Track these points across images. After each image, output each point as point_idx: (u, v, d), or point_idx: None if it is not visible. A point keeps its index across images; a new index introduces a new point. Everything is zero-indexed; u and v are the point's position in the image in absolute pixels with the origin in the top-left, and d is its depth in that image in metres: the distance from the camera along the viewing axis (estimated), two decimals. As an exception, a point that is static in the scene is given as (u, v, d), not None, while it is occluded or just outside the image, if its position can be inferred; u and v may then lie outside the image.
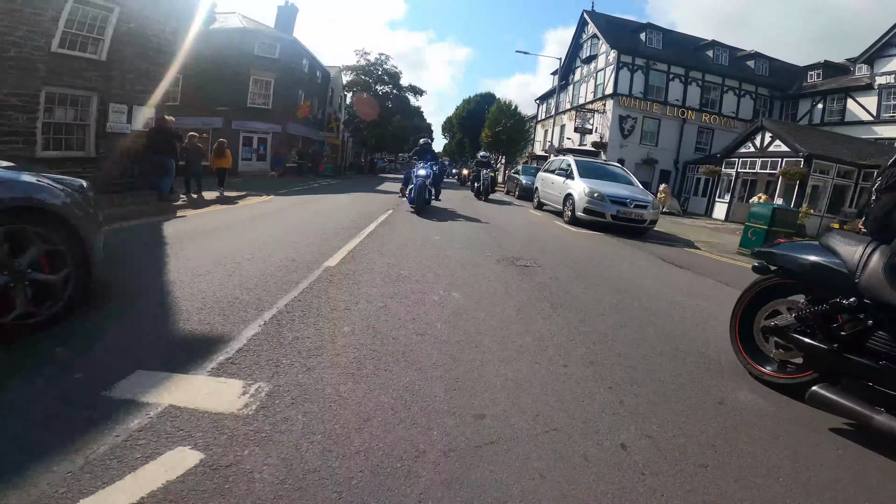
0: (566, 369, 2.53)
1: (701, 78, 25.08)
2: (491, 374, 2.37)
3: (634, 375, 2.56)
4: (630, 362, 2.74)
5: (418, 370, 2.33)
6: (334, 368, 2.26)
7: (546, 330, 3.14)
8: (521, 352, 2.72)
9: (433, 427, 1.84)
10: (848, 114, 21.64)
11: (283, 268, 4.10)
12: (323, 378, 2.15)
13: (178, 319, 2.72)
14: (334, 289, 3.62)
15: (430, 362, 2.44)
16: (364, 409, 1.93)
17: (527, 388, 2.25)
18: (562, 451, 1.77)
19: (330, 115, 31.70)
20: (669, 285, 5.16)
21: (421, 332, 2.85)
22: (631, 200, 9.51)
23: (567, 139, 29.13)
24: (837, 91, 22.39)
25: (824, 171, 14.82)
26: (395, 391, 2.10)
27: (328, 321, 2.89)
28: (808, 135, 17.12)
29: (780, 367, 2.57)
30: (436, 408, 1.99)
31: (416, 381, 2.22)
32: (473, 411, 1.99)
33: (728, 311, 2.93)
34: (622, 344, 3.03)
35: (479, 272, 4.68)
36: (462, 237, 6.90)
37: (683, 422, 2.11)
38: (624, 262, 6.40)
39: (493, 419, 1.95)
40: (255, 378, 2.09)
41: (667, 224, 13.68)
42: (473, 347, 2.71)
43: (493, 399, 2.12)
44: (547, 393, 2.24)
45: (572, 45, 30.14)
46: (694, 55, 25.88)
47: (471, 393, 2.16)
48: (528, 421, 1.96)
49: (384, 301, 3.41)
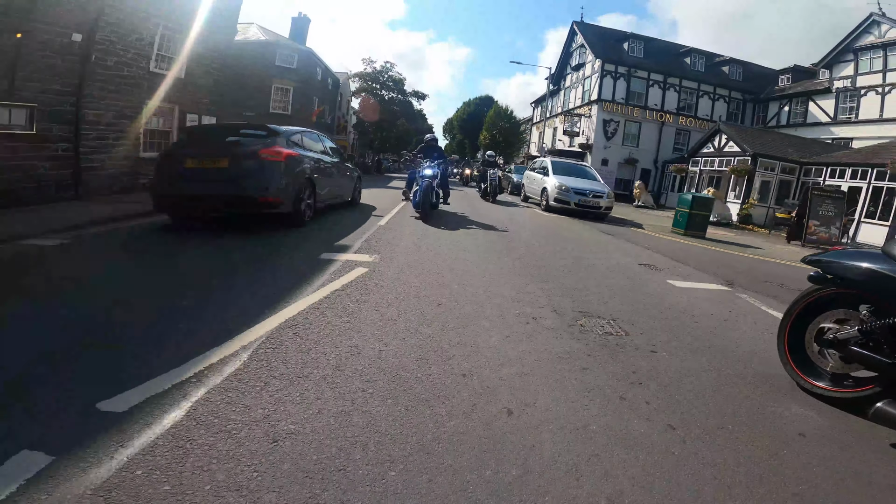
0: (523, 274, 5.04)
1: (678, 84, 27.50)
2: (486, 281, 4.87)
3: (564, 282, 5.07)
4: (559, 272, 5.25)
5: (446, 286, 4.85)
6: (402, 253, 4.80)
7: (513, 262, 5.66)
8: (502, 269, 5.24)
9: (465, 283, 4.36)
10: (809, 116, 23.92)
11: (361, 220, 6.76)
12: (397, 254, 4.70)
13: (334, 237, 5.47)
14: (389, 232, 6.15)
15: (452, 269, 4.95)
16: (423, 268, 4.44)
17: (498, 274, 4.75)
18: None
19: (339, 118, 34.26)
20: (598, 242, 7.68)
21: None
22: (590, 192, 12.01)
23: (559, 140, 31.59)
24: (801, 94, 24.65)
25: (770, 167, 17.23)
26: (435, 274, 4.61)
27: (392, 239, 5.42)
28: (757, 136, 19.53)
29: (833, 381, 2.46)
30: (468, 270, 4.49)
31: (453, 285, 4.73)
32: (476, 287, 4.50)
33: (612, 252, 5.42)
34: (560, 267, 5.55)
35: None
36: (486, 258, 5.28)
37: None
38: (573, 232, 8.89)
39: (488, 297, 4.45)
40: (373, 253, 4.73)
41: (632, 213, 16.17)
42: (464, 253, 5.22)
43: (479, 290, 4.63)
44: (506, 284, 4.74)
45: (563, 53, 32.61)
46: (673, 62, 28.26)
47: (471, 276, 4.66)
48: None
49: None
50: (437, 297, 3.60)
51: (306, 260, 4.35)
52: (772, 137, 19.69)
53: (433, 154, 9.30)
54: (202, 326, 2.62)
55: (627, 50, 27.74)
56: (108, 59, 8.33)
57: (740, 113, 28.16)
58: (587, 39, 28.36)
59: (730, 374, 2.74)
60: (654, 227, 11.89)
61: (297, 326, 2.72)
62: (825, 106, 23.04)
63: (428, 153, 9.40)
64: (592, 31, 29.46)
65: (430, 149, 9.56)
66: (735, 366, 2.87)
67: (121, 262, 4.30)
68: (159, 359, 2.17)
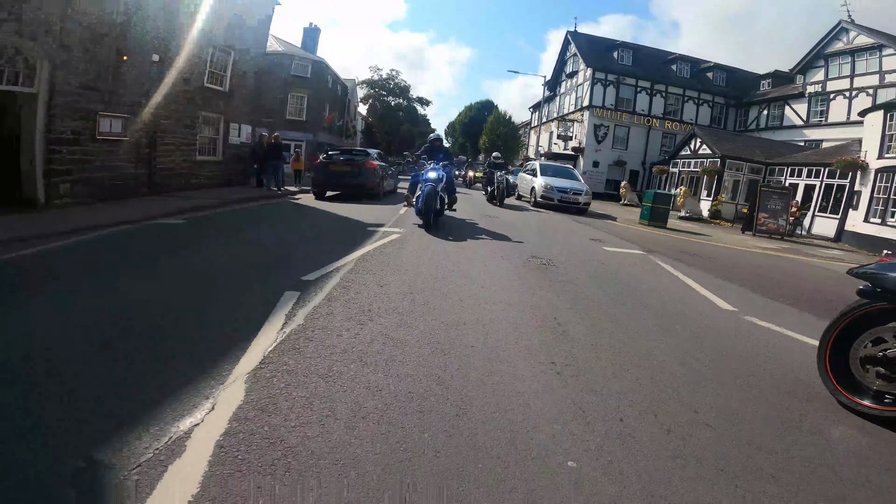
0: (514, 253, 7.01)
1: (665, 90, 29.42)
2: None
3: (551, 252, 7.04)
4: (531, 241, 7.22)
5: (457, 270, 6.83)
6: (420, 230, 6.78)
7: (511, 245, 7.64)
8: (494, 251, 7.22)
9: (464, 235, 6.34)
10: (785, 119, 25.70)
11: (381, 213, 8.69)
12: (416, 232, 6.68)
13: (368, 222, 7.39)
14: (403, 217, 8.12)
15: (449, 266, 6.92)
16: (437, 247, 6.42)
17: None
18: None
19: (347, 122, 36.35)
20: (570, 228, 9.65)
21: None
22: (570, 190, 14.00)
23: (555, 144, 33.56)
24: (778, 99, 26.47)
25: (738, 168, 19.10)
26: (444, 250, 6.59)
27: (414, 224, 7.40)
28: (729, 139, 21.39)
29: (876, 398, 2.36)
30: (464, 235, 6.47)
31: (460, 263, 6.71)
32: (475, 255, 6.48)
33: (576, 233, 7.37)
34: (534, 241, 7.52)
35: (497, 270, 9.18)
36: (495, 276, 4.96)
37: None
38: (554, 221, 10.84)
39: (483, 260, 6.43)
40: (401, 228, 6.74)
41: (616, 209, 18.11)
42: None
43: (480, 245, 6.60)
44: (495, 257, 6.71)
45: (558, 61, 34.61)
46: (660, 69, 30.16)
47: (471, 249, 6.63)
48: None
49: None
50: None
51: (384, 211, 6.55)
52: (742, 140, 21.56)
53: (438, 155, 8.62)
54: (329, 251, 4.76)
55: (617, 58, 29.68)
56: (175, 77, 10.33)
57: (723, 117, 30.05)
58: (579, 48, 30.35)
59: (601, 282, 4.72)
60: (625, 220, 13.83)
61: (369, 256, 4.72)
62: (799, 110, 24.78)
63: (432, 154, 8.74)
64: (585, 40, 31.42)
65: (434, 150, 8.92)
66: (608, 280, 4.84)
67: (256, 223, 6.59)
68: (315, 263, 4.27)
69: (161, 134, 10.03)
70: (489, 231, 7.76)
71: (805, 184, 17.13)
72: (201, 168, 11.80)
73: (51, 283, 3.53)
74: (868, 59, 21.34)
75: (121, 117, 8.69)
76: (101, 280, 3.64)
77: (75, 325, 2.58)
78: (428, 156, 8.81)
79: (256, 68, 14.53)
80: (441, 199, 7.82)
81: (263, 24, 14.76)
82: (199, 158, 11.74)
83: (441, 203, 7.85)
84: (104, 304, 3.00)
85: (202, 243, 5.40)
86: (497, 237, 7.15)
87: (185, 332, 2.59)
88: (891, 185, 13.39)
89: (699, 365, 2.82)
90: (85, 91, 7.83)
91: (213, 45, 11.61)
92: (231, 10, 12.06)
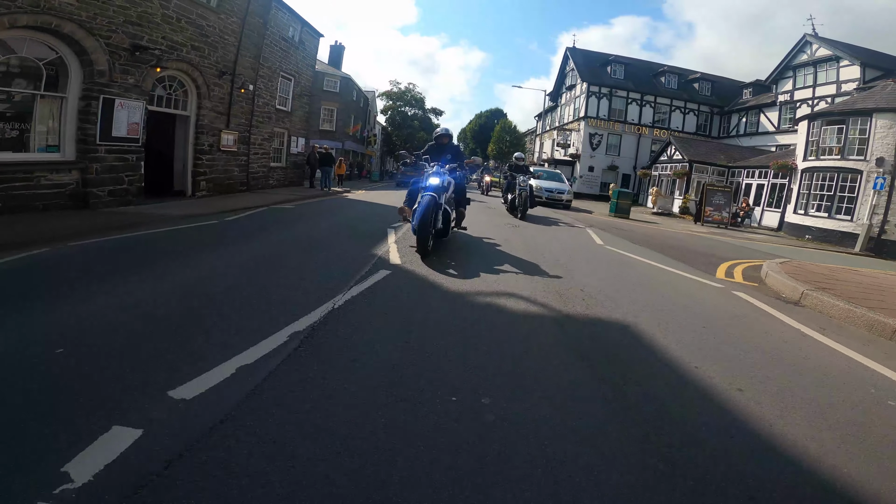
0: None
1: (654, 101, 32.81)
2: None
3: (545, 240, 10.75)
4: (539, 236, 10.92)
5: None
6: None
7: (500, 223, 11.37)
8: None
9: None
10: (760, 126, 28.78)
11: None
12: (411, 260, 10.50)
13: (388, 223, 11.16)
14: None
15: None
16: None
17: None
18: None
19: (368, 131, 40.50)
20: (548, 215, 13.29)
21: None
22: (555, 190, 17.68)
23: (556, 150, 37.14)
24: (755, 107, 29.51)
25: (703, 171, 22.49)
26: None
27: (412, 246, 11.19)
28: (698, 146, 24.69)
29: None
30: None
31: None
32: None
33: (551, 217, 11.05)
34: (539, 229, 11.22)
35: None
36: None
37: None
38: (540, 213, 14.50)
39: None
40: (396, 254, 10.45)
41: (603, 207, 21.67)
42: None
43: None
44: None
45: (559, 74, 38.23)
46: (650, 81, 33.51)
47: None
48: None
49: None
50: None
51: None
52: (710, 147, 24.88)
53: (444, 157, 6.53)
54: (390, 218, 8.45)
55: (610, 72, 33.16)
56: (259, 101, 14.22)
57: (708, 124, 33.29)
58: (576, 64, 33.93)
59: (536, 243, 8.40)
60: (599, 213, 17.43)
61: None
62: (772, 117, 27.79)
63: (437, 155, 6.65)
64: (581, 56, 34.95)
65: (440, 148, 6.80)
66: (546, 238, 8.52)
67: (333, 209, 10.27)
68: (387, 223, 7.97)
69: (253, 146, 13.97)
70: (511, 257, 6.11)
71: (756, 183, 20.49)
72: (273, 172, 15.74)
73: (234, 239, 7.14)
74: (828, 70, 23.85)
75: (233, 133, 12.61)
76: (269, 235, 7.44)
77: (271, 250, 6.35)
78: (432, 156, 6.64)
79: (308, 90, 18.49)
80: (445, 214, 6.16)
81: (312, 53, 18.74)
82: (272, 164, 15.69)
83: (445, 219, 6.18)
84: (283, 239, 6.78)
85: (313, 218, 9.04)
86: (524, 267, 5.47)
87: (335, 247, 6.33)
88: (811, 183, 16.74)
89: (574, 254, 6.47)
90: (216, 115, 11.76)
91: (280, 72, 15.49)
92: (293, 45, 16.05)
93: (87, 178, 8.05)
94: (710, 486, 1.67)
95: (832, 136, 16.03)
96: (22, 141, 7.34)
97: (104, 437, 1.62)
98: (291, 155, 16.94)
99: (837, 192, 15.68)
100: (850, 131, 15.34)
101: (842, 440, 2.10)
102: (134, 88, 8.66)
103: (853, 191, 15.19)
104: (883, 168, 14.23)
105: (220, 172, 12.24)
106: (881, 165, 14.28)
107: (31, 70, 7.30)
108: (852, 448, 2.04)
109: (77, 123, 7.94)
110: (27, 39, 7.20)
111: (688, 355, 2.99)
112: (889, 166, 14.15)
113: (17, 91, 7.20)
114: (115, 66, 8.19)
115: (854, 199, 15.11)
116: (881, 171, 14.23)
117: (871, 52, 23.65)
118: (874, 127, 14.67)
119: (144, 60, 8.76)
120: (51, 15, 7.10)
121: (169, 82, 10.16)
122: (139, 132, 8.86)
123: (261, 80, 13.88)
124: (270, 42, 14.16)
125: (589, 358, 2.79)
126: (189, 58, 10.19)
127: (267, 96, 14.59)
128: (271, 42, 14.23)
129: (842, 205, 15.53)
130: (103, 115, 8.11)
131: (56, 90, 7.69)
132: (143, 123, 8.96)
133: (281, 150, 16.50)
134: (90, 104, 7.94)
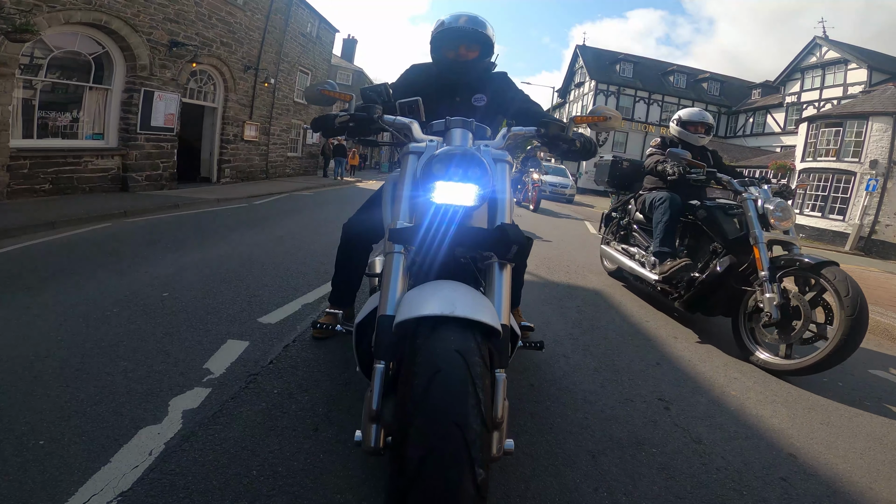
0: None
1: (661, 99, 33.13)
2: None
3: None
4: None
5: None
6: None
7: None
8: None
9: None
10: (766, 127, 29.14)
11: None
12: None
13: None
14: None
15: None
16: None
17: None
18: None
19: (378, 122, 41.12)
20: (554, 208, 13.99)
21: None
22: (559, 185, 18.35)
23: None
24: (762, 108, 29.82)
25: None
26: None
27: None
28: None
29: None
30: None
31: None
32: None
33: (553, 209, 11.71)
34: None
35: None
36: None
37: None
38: (543, 205, 15.18)
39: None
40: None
41: (599, 201, 22.27)
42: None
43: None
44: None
45: (568, 71, 38.56)
46: (658, 80, 33.82)
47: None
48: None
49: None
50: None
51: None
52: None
53: (466, 109, 1.98)
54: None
55: (619, 70, 33.48)
56: (279, 94, 14.94)
57: (716, 124, 33.54)
58: (586, 62, 34.26)
59: (547, 224, 9.12)
60: (601, 207, 18.04)
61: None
62: (778, 118, 28.13)
63: (442, 99, 2.04)
64: (591, 54, 35.25)
65: (452, 74, 2.09)
66: (549, 227, 9.23)
67: (352, 195, 10.93)
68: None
69: (272, 136, 14.73)
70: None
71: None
72: (290, 161, 16.52)
73: (271, 218, 8.01)
74: (835, 72, 24.15)
75: (255, 124, 13.37)
76: (300, 216, 8.20)
77: (307, 226, 7.11)
78: (428, 103, 1.69)
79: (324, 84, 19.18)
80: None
81: (328, 48, 19.40)
82: (289, 154, 16.47)
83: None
84: (314, 219, 7.54)
85: (333, 203, 9.81)
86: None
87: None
88: (807, 183, 17.26)
89: (560, 235, 7.18)
90: (241, 107, 12.53)
91: (298, 66, 16.21)
92: (311, 40, 16.75)
93: (127, 164, 8.85)
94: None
95: (829, 138, 16.52)
96: (73, 129, 8.14)
97: (224, 347, 2.37)
98: (307, 146, 17.70)
99: (831, 192, 16.21)
100: (847, 134, 15.82)
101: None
102: (171, 82, 9.43)
103: (847, 192, 15.72)
104: (876, 170, 14.75)
105: (242, 161, 13.03)
106: (874, 168, 14.80)
107: (83, 64, 8.08)
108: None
109: (120, 113, 8.73)
110: (78, 35, 7.96)
111: (638, 312, 3.74)
112: (882, 168, 14.66)
113: (72, 83, 7.98)
114: (154, 61, 8.95)
115: (847, 200, 15.64)
116: (874, 174, 14.75)
117: (879, 56, 23.87)
118: (870, 130, 15.15)
119: (180, 55, 9.52)
120: (101, 12, 7.85)
121: (200, 76, 10.91)
122: (174, 122, 9.64)
123: (281, 74, 14.59)
124: (290, 38, 14.85)
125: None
126: (219, 53, 10.93)
127: (286, 89, 15.31)
128: (291, 38, 14.92)
129: (835, 205, 16.07)
130: (143, 106, 8.89)
131: (101, 82, 8.47)
132: (178, 114, 9.73)
133: (297, 140, 17.25)
134: (132, 96, 8.71)
